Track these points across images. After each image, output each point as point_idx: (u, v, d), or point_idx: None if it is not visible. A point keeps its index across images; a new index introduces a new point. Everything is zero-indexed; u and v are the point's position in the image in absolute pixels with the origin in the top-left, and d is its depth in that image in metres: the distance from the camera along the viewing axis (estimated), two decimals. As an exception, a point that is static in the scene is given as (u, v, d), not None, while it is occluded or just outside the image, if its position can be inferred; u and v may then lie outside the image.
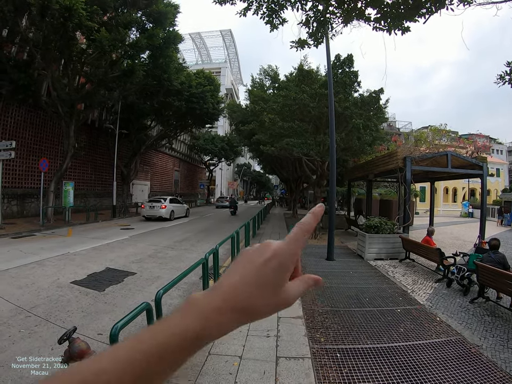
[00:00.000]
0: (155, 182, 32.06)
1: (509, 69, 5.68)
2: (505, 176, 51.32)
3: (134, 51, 14.59)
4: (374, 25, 4.73)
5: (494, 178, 46.52)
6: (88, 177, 21.92)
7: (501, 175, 49.29)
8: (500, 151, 55.71)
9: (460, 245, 12.47)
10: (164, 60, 16.66)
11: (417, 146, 12.13)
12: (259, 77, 23.65)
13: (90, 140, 21.84)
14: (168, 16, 15.74)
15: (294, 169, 23.72)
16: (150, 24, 15.74)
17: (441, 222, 24.37)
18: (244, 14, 5.10)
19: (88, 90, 15.43)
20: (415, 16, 4.43)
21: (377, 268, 8.80)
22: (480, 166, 11.68)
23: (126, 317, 2.54)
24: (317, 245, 12.07)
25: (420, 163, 11.15)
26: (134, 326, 4.30)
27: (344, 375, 3.41)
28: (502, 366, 3.75)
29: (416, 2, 4.28)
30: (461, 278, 6.71)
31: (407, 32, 4.64)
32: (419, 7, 4.33)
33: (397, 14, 4.49)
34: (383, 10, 4.56)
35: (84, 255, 8.67)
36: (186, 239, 12.32)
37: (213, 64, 61.39)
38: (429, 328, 4.75)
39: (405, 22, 4.57)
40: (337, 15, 4.93)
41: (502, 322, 5.14)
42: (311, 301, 5.77)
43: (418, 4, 4.31)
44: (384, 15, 4.57)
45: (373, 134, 13.60)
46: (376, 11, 4.63)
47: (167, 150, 33.62)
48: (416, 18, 4.45)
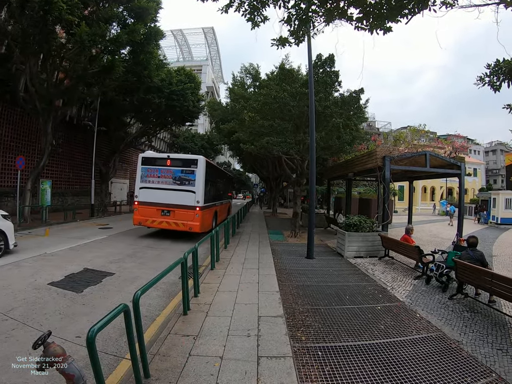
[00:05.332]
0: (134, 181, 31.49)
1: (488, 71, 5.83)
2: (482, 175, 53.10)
3: (114, 46, 14.28)
4: (356, 25, 4.74)
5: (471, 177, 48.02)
6: (66, 175, 21.33)
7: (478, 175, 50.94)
8: (478, 152, 57.62)
9: (438, 243, 12.77)
10: (144, 56, 16.39)
11: (396, 146, 12.33)
12: (240, 75, 23.64)
13: (68, 137, 21.25)
14: (150, 12, 15.46)
15: (274, 168, 23.80)
16: (132, 19, 15.42)
17: (420, 220, 24.93)
18: (226, 10, 5.02)
19: (67, 86, 15.01)
20: (398, 16, 4.45)
21: (357, 266, 8.91)
22: (458, 166, 11.98)
23: (102, 319, 2.45)
24: (296, 244, 12.18)
25: (399, 162, 11.35)
26: (112, 328, 4.21)
27: (326, 373, 3.41)
28: (482, 360, 3.84)
29: (399, 2, 4.31)
30: (440, 275, 6.87)
31: (389, 32, 4.68)
32: (402, 7, 4.36)
33: (380, 14, 4.51)
34: (365, 10, 4.58)
35: (62, 256, 8.43)
36: (166, 238, 12.19)
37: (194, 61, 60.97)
38: (409, 325, 4.82)
39: (387, 22, 4.60)
40: (319, 13, 4.92)
41: (481, 317, 5.27)
42: (292, 300, 5.78)
43: (401, 4, 4.34)
44: (367, 14, 4.58)
45: (352, 133, 13.73)
46: (359, 11, 4.64)
47: (146, 148, 33.09)
48: (398, 18, 4.48)
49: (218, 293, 5.87)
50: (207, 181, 12.38)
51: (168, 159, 12.19)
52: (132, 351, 2.86)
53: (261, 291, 6.09)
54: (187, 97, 21.87)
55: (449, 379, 3.41)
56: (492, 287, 5.19)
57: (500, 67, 5.76)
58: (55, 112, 15.34)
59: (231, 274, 7.29)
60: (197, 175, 11.75)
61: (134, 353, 2.86)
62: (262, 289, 6.23)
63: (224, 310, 5.02)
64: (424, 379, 3.39)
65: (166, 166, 12.08)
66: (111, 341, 4.01)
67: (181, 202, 11.61)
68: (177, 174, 11.92)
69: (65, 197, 20.90)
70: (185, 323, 4.47)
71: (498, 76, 5.82)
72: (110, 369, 3.39)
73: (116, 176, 25.71)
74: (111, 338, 4.07)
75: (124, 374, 3.30)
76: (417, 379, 3.38)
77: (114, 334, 4.17)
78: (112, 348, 3.87)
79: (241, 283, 6.59)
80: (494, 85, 5.87)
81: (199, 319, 4.61)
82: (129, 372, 3.23)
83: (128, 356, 3.50)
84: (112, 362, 3.54)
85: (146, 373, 3.12)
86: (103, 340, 3.99)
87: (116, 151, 22.72)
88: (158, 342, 3.88)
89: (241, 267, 7.98)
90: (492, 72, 5.85)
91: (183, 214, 11.57)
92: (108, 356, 3.67)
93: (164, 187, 11.94)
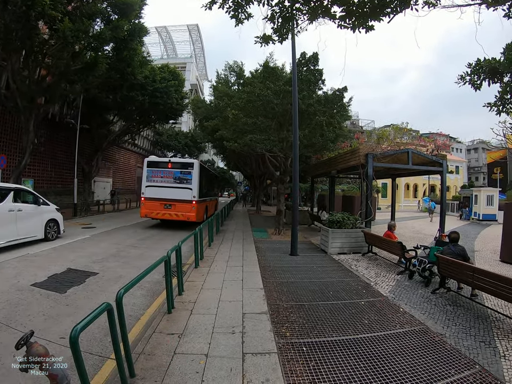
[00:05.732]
0: (117, 179, 31.04)
1: (469, 69, 5.99)
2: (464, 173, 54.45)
3: (97, 43, 13.99)
4: (339, 23, 4.80)
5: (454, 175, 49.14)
6: (48, 174, 20.86)
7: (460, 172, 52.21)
8: (460, 150, 58.99)
9: (421, 239, 13.03)
10: (128, 52, 16.13)
11: (379, 144, 12.48)
12: (224, 73, 23.42)
13: (50, 136, 20.76)
14: (134, 8, 15.20)
15: (258, 165, 23.81)
16: (115, 15, 15.11)
17: (403, 217, 25.38)
18: (210, 7, 5.01)
19: (49, 83, 14.68)
20: (380, 15, 4.52)
21: (341, 262, 9.02)
22: (440, 163, 12.22)
23: (86, 318, 2.43)
24: (280, 241, 12.26)
25: (382, 160, 11.51)
26: (96, 328, 4.16)
27: (311, 368, 3.44)
28: (465, 352, 3.93)
29: (382, 1, 4.37)
30: (422, 270, 6.99)
31: (371, 31, 4.75)
32: (384, 6, 4.43)
33: (362, 12, 4.57)
34: (348, 8, 4.63)
35: (44, 256, 8.28)
36: (149, 237, 12.11)
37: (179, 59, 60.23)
38: (393, 319, 4.91)
39: (370, 21, 4.67)
40: (303, 11, 4.95)
41: (463, 311, 5.39)
42: (276, 296, 5.82)
43: (383, 3, 4.40)
44: (350, 13, 4.64)
45: (336, 131, 13.85)
46: (342, 9, 4.69)
47: (129, 146, 32.65)
48: (381, 17, 4.55)
49: (202, 291, 5.86)
50: (201, 180, 14.82)
51: (169, 162, 14.66)
52: (116, 350, 2.83)
53: (245, 288, 6.10)
54: (171, 95, 21.66)
55: (434, 371, 3.48)
56: (474, 281, 5.30)
57: (480, 66, 5.92)
58: (37, 109, 14.98)
59: (215, 272, 7.29)
60: (193, 175, 14.19)
61: (119, 352, 2.84)
62: (246, 286, 6.25)
63: (209, 307, 5.02)
64: (408, 372, 3.45)
65: (168, 168, 14.43)
66: (95, 341, 3.96)
67: (180, 197, 14.00)
68: (177, 174, 14.31)
69: (48, 196, 20.23)
70: (170, 321, 4.45)
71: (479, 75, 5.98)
72: (95, 370, 3.36)
73: (99, 175, 25.26)
74: (96, 339, 4.02)
75: (109, 374, 3.27)
76: (401, 372, 3.44)
77: (99, 334, 4.13)
78: (97, 348, 3.83)
79: (226, 281, 6.59)
80: (475, 83, 6.04)
81: (183, 317, 4.60)
82: (114, 372, 3.20)
83: (113, 356, 3.47)
84: (97, 363, 3.50)
85: (131, 372, 3.09)
86: (88, 340, 3.94)
87: (99, 150, 22.32)
88: (143, 341, 3.85)
89: (226, 265, 8.00)
90: (473, 71, 6.02)
91: (182, 206, 13.99)
92: (93, 356, 3.63)
93: (166, 185, 14.28)
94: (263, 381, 3.14)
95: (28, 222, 9.45)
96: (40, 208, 10.10)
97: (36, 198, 10.12)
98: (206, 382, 3.07)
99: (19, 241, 9.03)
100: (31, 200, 10.00)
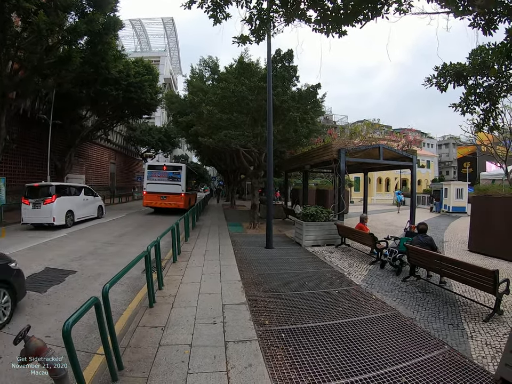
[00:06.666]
0: (90, 176, 30.22)
1: (436, 72, 6.38)
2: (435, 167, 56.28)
3: (72, 36, 13.56)
4: (314, 27, 5.01)
5: (425, 169, 50.76)
6: (20, 172, 20.13)
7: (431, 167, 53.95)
8: (431, 145, 60.78)
9: (392, 230, 13.50)
10: (102, 46, 15.72)
11: (352, 139, 12.78)
12: (199, 68, 23.12)
13: (22, 132, 19.97)
14: (109, 1, 14.81)
15: (232, 160, 23.80)
16: (91, 8, 14.66)
17: (375, 210, 26.10)
18: (189, 6, 5.08)
19: (22, 77, 14.16)
20: (353, 21, 4.77)
21: (315, 254, 9.34)
22: (410, 158, 12.72)
23: (75, 312, 2.54)
24: (256, 234, 12.51)
25: (354, 155, 11.87)
26: (81, 325, 4.23)
27: (291, 353, 3.68)
28: (435, 334, 4.26)
29: (354, 9, 4.61)
30: (393, 259, 7.34)
31: (344, 36, 5.00)
32: (357, 14, 4.67)
33: (336, 18, 4.79)
34: (323, 13, 4.84)
35: (21, 256, 8.08)
36: (126, 234, 12.10)
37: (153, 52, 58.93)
38: (366, 306, 5.22)
39: (343, 26, 4.91)
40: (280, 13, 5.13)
41: (432, 297, 5.75)
42: (254, 287, 6.04)
43: (356, 11, 4.64)
44: (324, 18, 4.84)
45: (309, 126, 14.06)
46: (317, 14, 4.90)
47: (102, 142, 31.73)
48: (353, 23, 4.80)
49: (182, 285, 6.01)
50: (187, 178, 20.41)
51: (164, 165, 20.32)
52: (104, 343, 2.94)
53: (224, 281, 6.29)
54: (145, 90, 21.41)
55: (405, 351, 3.77)
56: (442, 269, 5.67)
57: (446, 70, 6.31)
58: (9, 105, 14.47)
59: (193, 266, 7.45)
60: (182, 175, 19.61)
61: (107, 345, 2.95)
62: (225, 279, 6.44)
63: (189, 300, 5.17)
64: (382, 353, 3.73)
65: (163, 170, 19.85)
66: (80, 338, 4.02)
67: (172, 191, 19.16)
68: (170, 174, 19.67)
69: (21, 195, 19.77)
70: (152, 315, 4.57)
71: (445, 78, 6.38)
72: (83, 365, 3.39)
73: (72, 172, 24.53)
74: (80, 336, 4.08)
75: (97, 368, 3.37)
76: (375, 353, 3.72)
77: (83, 332, 4.19)
78: (83, 344, 3.90)
79: (204, 274, 6.76)
80: (441, 85, 6.43)
81: (165, 311, 4.73)
82: (102, 366, 3.31)
83: (100, 351, 3.59)
84: (85, 359, 3.57)
85: (119, 365, 3.19)
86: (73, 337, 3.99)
87: (72, 145, 21.76)
88: (128, 335, 3.96)
89: (203, 259, 8.17)
90: (439, 74, 6.41)
91: (174, 197, 19.13)
92: (80, 352, 3.67)
93: (162, 182, 19.35)
94: (246, 366, 3.34)
95: (90, 207, 15.66)
96: (95, 198, 16.12)
97: (92, 192, 16.11)
98: (192, 369, 3.24)
99: (88, 217, 15.13)
100: (90, 193, 15.77)
